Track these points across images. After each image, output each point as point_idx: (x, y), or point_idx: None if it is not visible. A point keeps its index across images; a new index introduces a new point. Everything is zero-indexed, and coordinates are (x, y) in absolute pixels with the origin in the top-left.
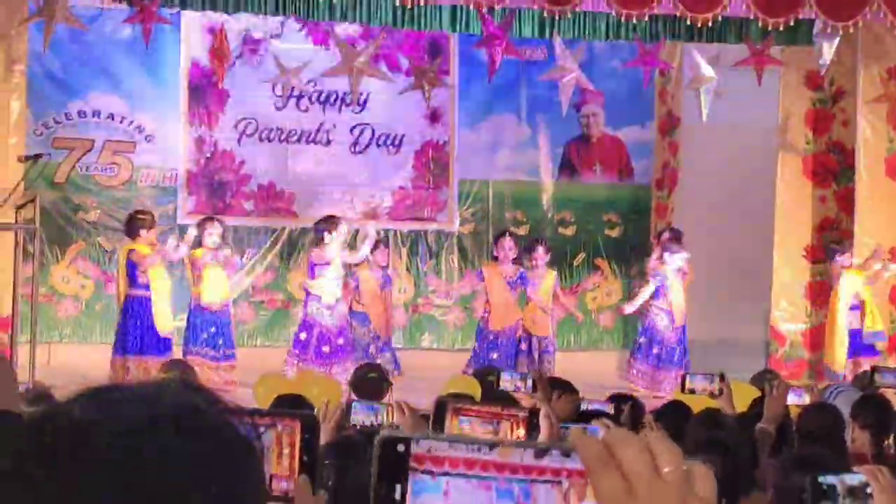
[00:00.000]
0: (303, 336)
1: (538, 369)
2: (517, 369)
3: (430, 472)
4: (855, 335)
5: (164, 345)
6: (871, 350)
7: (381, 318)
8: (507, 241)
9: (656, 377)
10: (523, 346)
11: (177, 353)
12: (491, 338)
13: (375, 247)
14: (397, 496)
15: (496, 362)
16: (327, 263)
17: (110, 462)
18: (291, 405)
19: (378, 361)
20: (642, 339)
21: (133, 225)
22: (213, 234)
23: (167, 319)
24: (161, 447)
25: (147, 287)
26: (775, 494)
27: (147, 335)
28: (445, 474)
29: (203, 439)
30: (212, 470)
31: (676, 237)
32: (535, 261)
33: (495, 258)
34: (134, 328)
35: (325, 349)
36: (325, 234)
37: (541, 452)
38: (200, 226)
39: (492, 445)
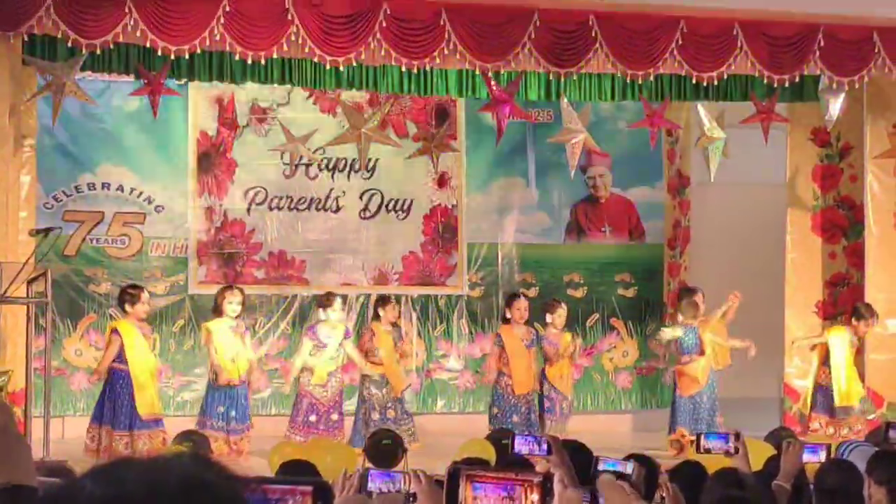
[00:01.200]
0: (295, 408)
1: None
2: (540, 430)
3: None
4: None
5: (138, 423)
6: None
7: (397, 376)
8: (521, 303)
9: None
10: (546, 404)
11: (186, 423)
12: (513, 401)
13: (386, 304)
14: None
15: (517, 425)
16: (323, 344)
17: None
18: (297, 471)
19: (398, 427)
20: None
21: (120, 299)
22: (232, 301)
23: (154, 402)
24: None
25: (124, 362)
26: None
27: (121, 411)
28: None
29: None
30: None
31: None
32: (555, 322)
33: (507, 320)
34: (110, 400)
35: (312, 418)
36: (321, 310)
37: None
38: (220, 294)
39: None
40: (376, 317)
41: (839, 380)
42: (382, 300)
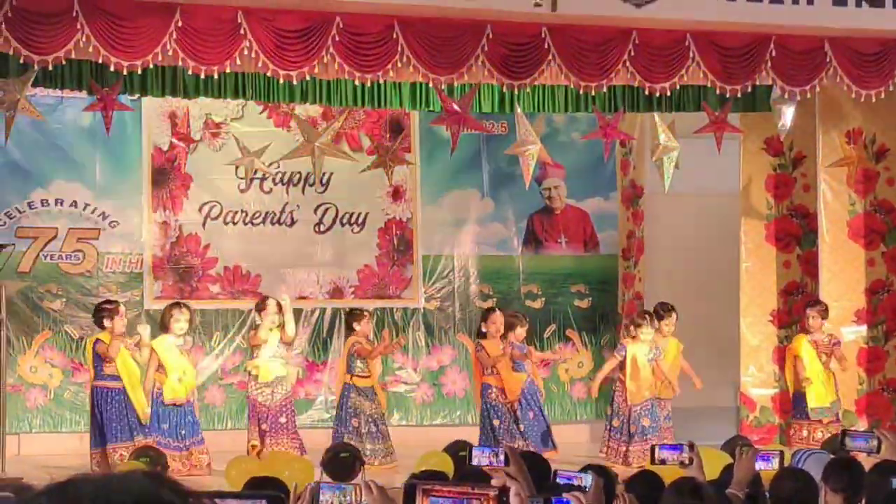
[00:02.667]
0: (249, 418)
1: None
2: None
3: None
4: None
5: (139, 431)
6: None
7: (380, 390)
8: (497, 317)
9: None
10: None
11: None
12: (507, 410)
13: (361, 318)
14: None
15: (522, 434)
16: (261, 344)
17: None
18: (264, 488)
19: (384, 444)
20: None
21: (98, 316)
22: (179, 319)
23: (145, 406)
24: None
25: (114, 378)
26: None
27: (120, 424)
28: None
29: None
30: None
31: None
32: (518, 338)
33: (483, 335)
34: (104, 419)
35: (264, 426)
36: (257, 315)
37: None
38: (167, 311)
39: None
40: (351, 331)
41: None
42: (355, 314)
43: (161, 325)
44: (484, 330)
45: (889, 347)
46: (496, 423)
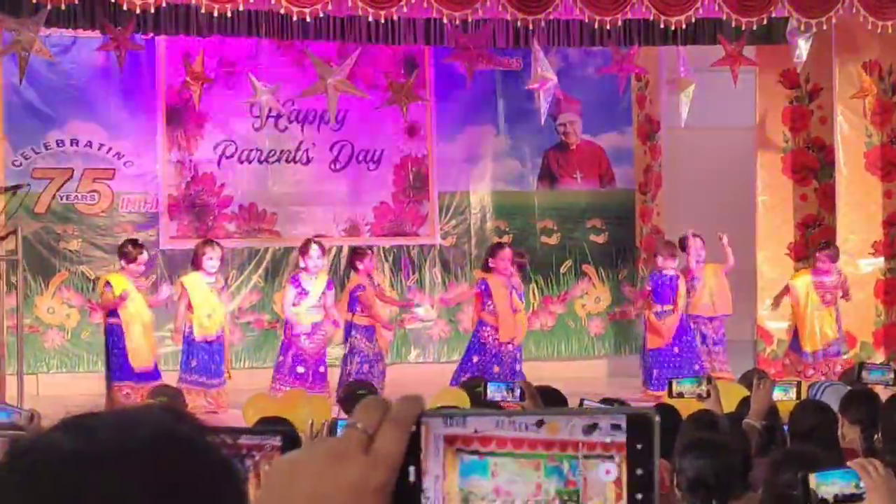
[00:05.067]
0: (280, 359)
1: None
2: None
3: (477, 453)
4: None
5: (144, 375)
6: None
7: (383, 330)
8: (506, 252)
9: None
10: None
11: (169, 377)
12: (495, 351)
13: (363, 256)
14: (411, 478)
15: (497, 376)
16: (305, 292)
17: (90, 489)
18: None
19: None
20: None
21: (120, 252)
22: (212, 257)
23: (146, 354)
24: (140, 472)
25: (117, 316)
26: (765, 492)
27: (127, 364)
28: (492, 454)
29: (183, 463)
30: (193, 494)
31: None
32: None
33: (489, 269)
34: (114, 356)
35: (300, 370)
36: (300, 259)
37: (590, 428)
38: (200, 248)
39: (539, 423)
40: (354, 269)
41: (804, 324)
42: (358, 252)
43: (193, 262)
44: (491, 265)
45: None
46: (476, 358)
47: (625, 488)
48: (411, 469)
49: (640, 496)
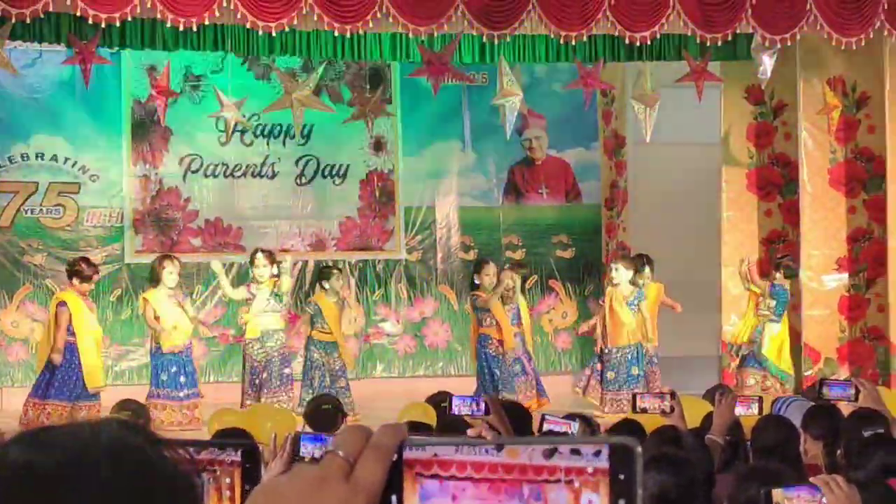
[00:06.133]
0: (243, 372)
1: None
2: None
3: (438, 477)
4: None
5: (84, 395)
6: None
7: (347, 348)
8: (491, 268)
9: None
10: (520, 367)
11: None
12: (507, 361)
13: (330, 275)
14: None
15: (497, 381)
16: (252, 297)
17: (40, 501)
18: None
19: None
20: None
21: (73, 271)
22: (172, 271)
23: (99, 374)
24: (95, 485)
25: (71, 334)
26: None
27: (66, 384)
28: (453, 478)
29: (138, 476)
30: None
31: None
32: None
33: (476, 286)
34: (54, 375)
35: (257, 381)
36: (250, 269)
37: (549, 452)
38: (159, 264)
39: (499, 447)
40: (321, 287)
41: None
42: (325, 272)
43: (152, 277)
44: (477, 282)
45: (870, 295)
46: (497, 372)
47: None
48: (393, 498)
49: None
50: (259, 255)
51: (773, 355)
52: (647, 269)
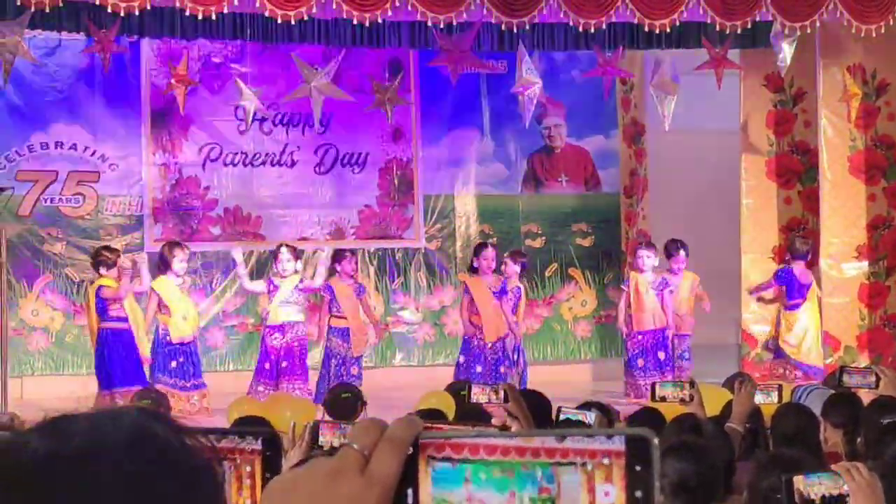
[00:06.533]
0: (258, 358)
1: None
2: (504, 380)
3: (450, 460)
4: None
5: (142, 376)
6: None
7: (360, 330)
8: (490, 252)
9: None
10: (513, 358)
11: None
12: (478, 351)
13: (342, 258)
14: (409, 501)
15: (480, 376)
16: (276, 288)
17: (62, 490)
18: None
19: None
20: None
21: (97, 261)
22: (182, 259)
23: (146, 347)
24: (113, 473)
25: (122, 319)
26: (749, 495)
27: (128, 366)
28: (465, 461)
29: (160, 464)
30: (167, 496)
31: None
32: (507, 273)
33: (474, 269)
34: (113, 361)
35: (266, 365)
36: (274, 264)
37: (562, 436)
38: (169, 250)
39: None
40: (334, 272)
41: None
42: (337, 255)
43: (161, 264)
44: (475, 265)
45: (890, 283)
46: (461, 359)
47: None
48: (409, 492)
49: None
50: (284, 249)
51: (795, 346)
52: (682, 253)
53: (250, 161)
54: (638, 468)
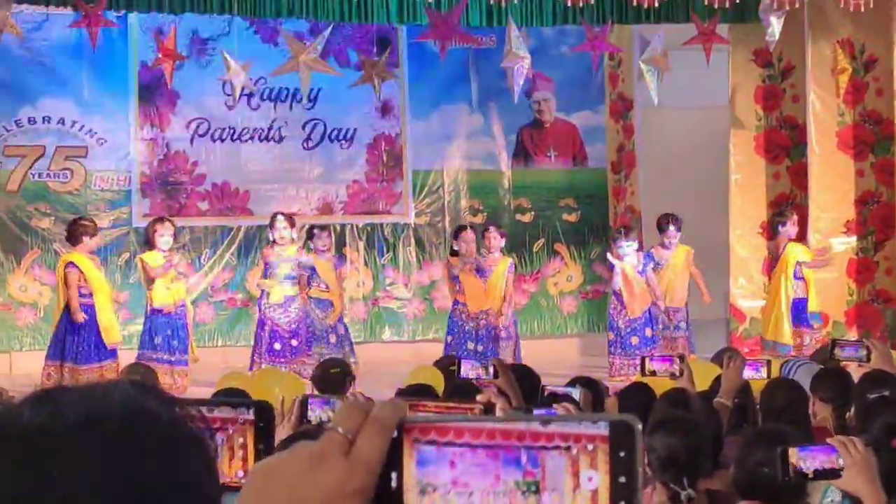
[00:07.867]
0: (257, 336)
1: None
2: (496, 355)
3: (435, 443)
4: (798, 305)
5: (104, 353)
6: (808, 322)
7: (340, 301)
8: (469, 235)
9: None
10: (500, 333)
11: (131, 357)
12: (467, 327)
13: (314, 235)
14: (393, 484)
15: (473, 353)
16: (275, 265)
17: (54, 463)
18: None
19: (338, 355)
20: None
21: (75, 232)
22: (164, 234)
23: (115, 330)
24: (105, 445)
25: (88, 296)
26: (736, 469)
27: (85, 344)
28: (450, 444)
29: (152, 437)
30: (159, 467)
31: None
32: (489, 247)
33: (455, 252)
34: (72, 336)
35: (277, 346)
36: (270, 233)
37: (547, 421)
38: (151, 227)
39: (497, 420)
40: (310, 249)
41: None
42: (310, 231)
43: (146, 241)
44: (456, 248)
45: (878, 258)
46: (448, 339)
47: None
48: (393, 475)
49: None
50: (279, 217)
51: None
52: (673, 227)
53: (238, 136)
54: (622, 454)
